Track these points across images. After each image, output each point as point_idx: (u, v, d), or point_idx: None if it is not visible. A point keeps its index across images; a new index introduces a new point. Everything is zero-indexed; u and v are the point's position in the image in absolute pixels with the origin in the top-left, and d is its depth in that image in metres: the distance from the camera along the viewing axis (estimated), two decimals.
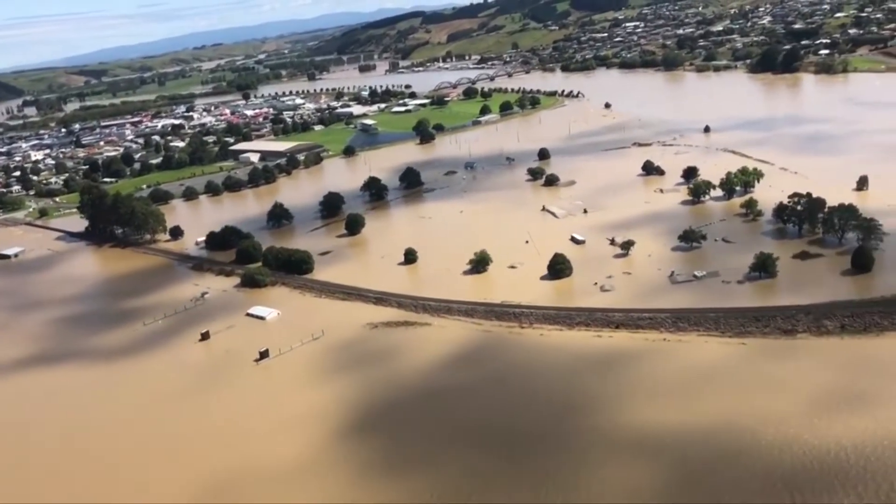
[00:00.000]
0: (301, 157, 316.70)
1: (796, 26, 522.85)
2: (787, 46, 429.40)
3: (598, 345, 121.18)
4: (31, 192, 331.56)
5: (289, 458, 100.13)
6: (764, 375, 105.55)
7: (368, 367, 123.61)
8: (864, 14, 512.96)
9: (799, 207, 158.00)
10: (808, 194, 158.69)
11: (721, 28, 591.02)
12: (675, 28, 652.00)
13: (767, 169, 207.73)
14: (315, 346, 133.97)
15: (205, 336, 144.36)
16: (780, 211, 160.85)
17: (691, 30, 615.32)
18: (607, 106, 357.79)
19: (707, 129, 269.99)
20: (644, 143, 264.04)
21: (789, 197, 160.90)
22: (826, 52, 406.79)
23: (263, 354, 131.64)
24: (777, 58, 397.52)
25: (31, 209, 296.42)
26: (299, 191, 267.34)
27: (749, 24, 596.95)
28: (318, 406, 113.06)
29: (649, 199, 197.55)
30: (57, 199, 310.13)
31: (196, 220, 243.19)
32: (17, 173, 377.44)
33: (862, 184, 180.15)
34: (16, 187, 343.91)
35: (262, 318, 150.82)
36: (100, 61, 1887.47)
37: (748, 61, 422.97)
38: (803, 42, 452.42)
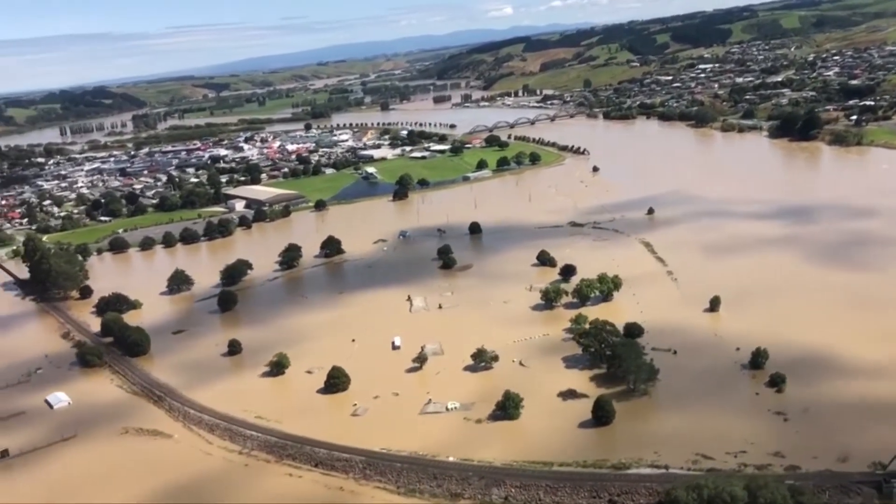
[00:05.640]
0: (267, 209, 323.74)
1: (854, 82, 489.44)
2: (818, 110, 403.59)
3: (281, 486, 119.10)
4: (34, 228, 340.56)
5: None
6: None
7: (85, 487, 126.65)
8: None
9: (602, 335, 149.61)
10: (605, 321, 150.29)
11: (780, 79, 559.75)
12: (736, 76, 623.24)
13: (657, 273, 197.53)
14: (56, 449, 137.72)
15: None
16: (582, 335, 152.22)
17: (751, 78, 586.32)
18: (595, 170, 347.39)
19: (651, 212, 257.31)
20: (578, 224, 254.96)
21: (590, 322, 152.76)
22: (854, 117, 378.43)
23: (3, 454, 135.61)
24: (796, 124, 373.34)
25: (15, 247, 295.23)
26: (240, 249, 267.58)
27: (814, 73, 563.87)
28: None
29: (510, 299, 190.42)
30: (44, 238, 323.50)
31: (126, 276, 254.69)
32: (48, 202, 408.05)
33: (714, 305, 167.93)
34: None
35: (51, 406, 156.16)
36: (232, 73, 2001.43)
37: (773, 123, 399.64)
38: (851, 101, 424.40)
